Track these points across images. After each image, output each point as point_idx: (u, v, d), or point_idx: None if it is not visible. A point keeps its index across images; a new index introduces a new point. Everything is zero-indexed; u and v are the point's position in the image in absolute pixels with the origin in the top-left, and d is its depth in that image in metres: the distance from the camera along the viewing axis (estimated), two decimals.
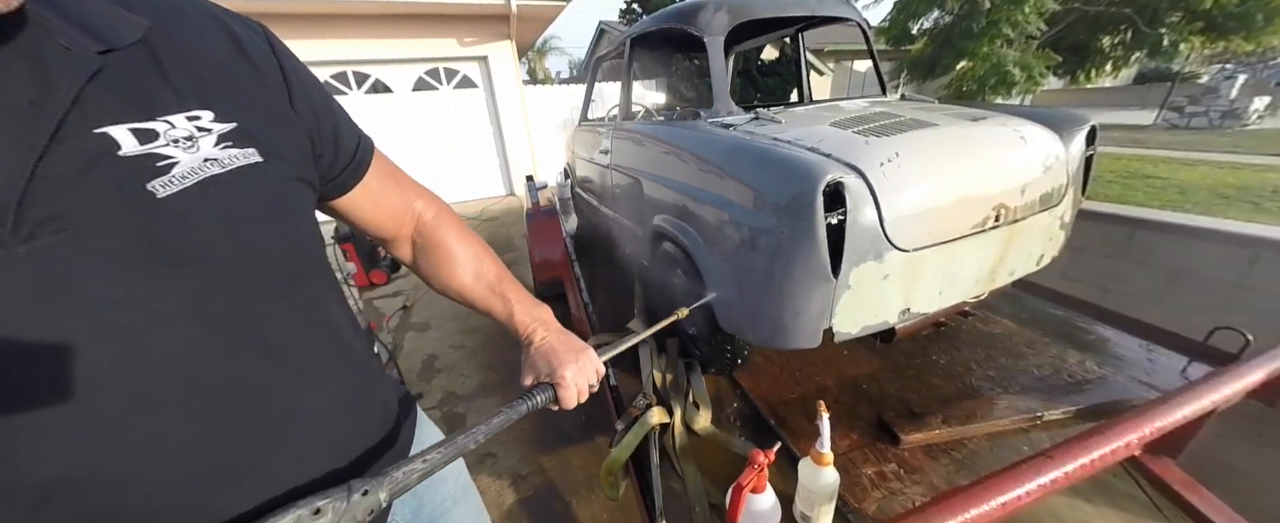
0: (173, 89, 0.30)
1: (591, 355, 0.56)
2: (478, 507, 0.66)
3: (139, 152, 0.27)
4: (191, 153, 0.29)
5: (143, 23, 0.29)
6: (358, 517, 0.34)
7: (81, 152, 0.26)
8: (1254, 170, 4.81)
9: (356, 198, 0.47)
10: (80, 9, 0.28)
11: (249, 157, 0.32)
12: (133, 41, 0.29)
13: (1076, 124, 1.07)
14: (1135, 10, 5.17)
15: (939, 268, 0.89)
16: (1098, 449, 0.76)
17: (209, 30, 0.34)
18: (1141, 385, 1.15)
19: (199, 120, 0.30)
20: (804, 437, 1.04)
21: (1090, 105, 13.47)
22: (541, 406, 0.54)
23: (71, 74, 0.26)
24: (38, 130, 0.24)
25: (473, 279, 0.56)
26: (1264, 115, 8.18)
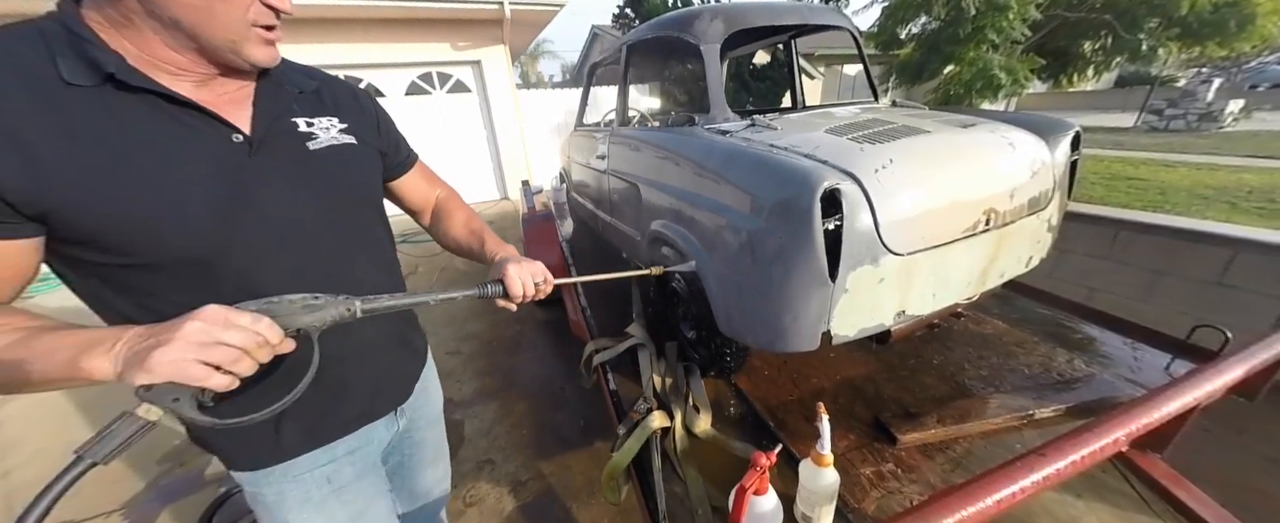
0: (324, 108, 0.65)
1: (538, 264, 0.71)
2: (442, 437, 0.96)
3: (306, 131, 0.61)
4: (328, 134, 0.63)
5: (315, 84, 0.66)
6: (340, 313, 0.53)
7: (284, 126, 0.59)
8: (1230, 171, 4.96)
9: (405, 182, 0.82)
10: (292, 77, 0.64)
11: (351, 140, 0.65)
12: (312, 90, 0.66)
13: (1062, 130, 1.10)
14: (1115, 16, 5.32)
15: (932, 271, 0.92)
16: (1087, 446, 0.78)
17: (345, 92, 0.71)
18: (1127, 383, 1.18)
19: (333, 121, 0.64)
20: (803, 438, 1.05)
21: (1072, 109, 13.79)
22: (490, 295, 0.67)
23: (287, 96, 0.61)
24: (273, 115, 0.58)
25: (463, 227, 0.83)
26: (1239, 118, 8.44)
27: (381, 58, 5.15)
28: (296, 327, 0.50)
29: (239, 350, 0.43)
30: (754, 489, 0.74)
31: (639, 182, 1.42)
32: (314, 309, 0.51)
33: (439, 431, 0.94)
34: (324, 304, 0.52)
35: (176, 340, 0.40)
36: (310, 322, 0.51)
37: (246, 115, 0.55)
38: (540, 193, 3.14)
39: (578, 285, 1.94)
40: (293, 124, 0.60)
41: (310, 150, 0.60)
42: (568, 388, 2.06)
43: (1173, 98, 8.84)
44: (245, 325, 0.44)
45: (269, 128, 0.57)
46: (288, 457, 0.64)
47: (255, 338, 0.44)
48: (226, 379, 0.43)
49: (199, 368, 0.41)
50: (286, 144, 0.58)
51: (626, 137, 1.56)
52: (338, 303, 0.53)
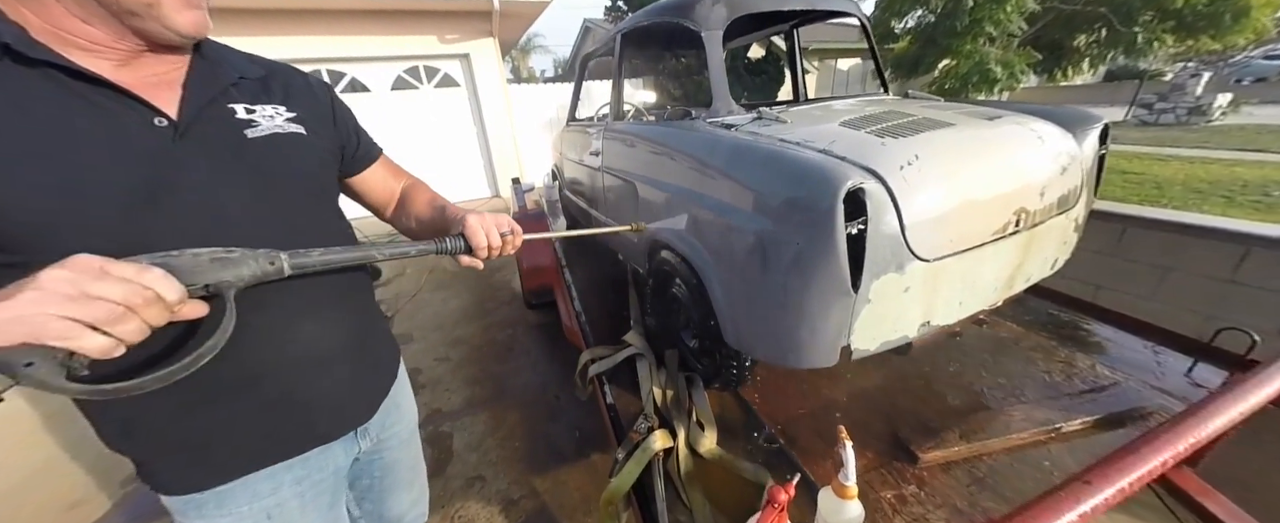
0: (269, 96, 0.59)
1: (503, 216, 0.65)
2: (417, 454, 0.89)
3: (244, 118, 0.55)
4: (270, 121, 0.56)
5: (261, 71, 0.61)
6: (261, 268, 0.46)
7: (219, 111, 0.53)
8: (1223, 165, 4.98)
9: (368, 177, 0.74)
10: (233, 61, 0.58)
11: (298, 129, 0.59)
12: (256, 76, 0.59)
13: (1089, 123, 1.03)
14: (1110, 9, 5.31)
15: (960, 277, 0.84)
16: (1134, 471, 0.71)
17: (297, 79, 0.65)
18: (1154, 390, 1.12)
19: (278, 110, 0.58)
20: (815, 456, 0.97)
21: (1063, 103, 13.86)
22: (451, 251, 0.60)
23: (224, 79, 0.55)
24: (203, 99, 0.51)
25: (426, 205, 0.74)
26: (1227, 111, 8.51)
27: (365, 51, 4.98)
28: (205, 283, 0.42)
29: (119, 306, 0.35)
30: None
31: (635, 180, 1.33)
32: (227, 263, 0.44)
33: (413, 449, 0.87)
34: (240, 258, 0.45)
35: (30, 291, 0.33)
36: (224, 277, 0.43)
37: (174, 98, 0.50)
38: (531, 191, 3.04)
39: (572, 291, 1.85)
40: (229, 110, 0.54)
41: (247, 138, 0.54)
42: (562, 396, 1.97)
43: (1162, 92, 8.88)
44: (127, 276, 0.36)
45: (200, 112, 0.50)
46: (221, 480, 0.56)
47: (142, 292, 0.36)
48: (103, 341, 0.35)
49: (60, 324, 0.33)
50: (219, 130, 0.52)
51: (622, 132, 1.46)
52: (258, 256, 0.46)
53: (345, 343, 0.64)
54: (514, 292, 3.12)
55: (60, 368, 0.34)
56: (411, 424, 0.84)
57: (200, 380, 0.46)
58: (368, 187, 0.75)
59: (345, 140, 0.68)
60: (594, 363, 1.32)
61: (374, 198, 0.77)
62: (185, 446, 0.54)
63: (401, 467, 0.82)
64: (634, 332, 1.38)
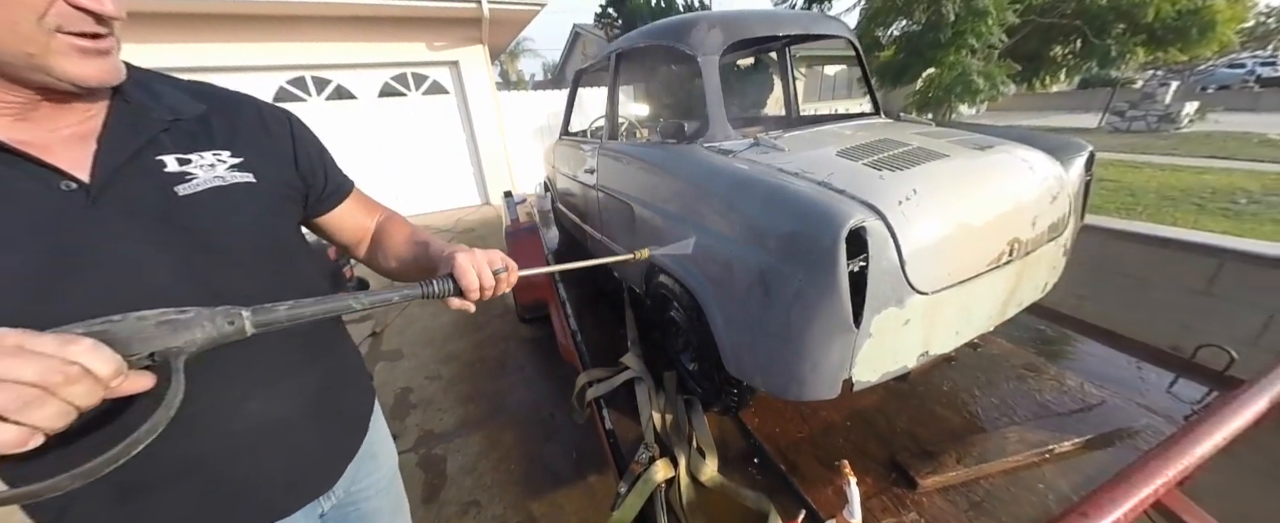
0: (210, 139, 0.51)
1: (495, 252, 0.57)
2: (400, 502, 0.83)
3: (175, 170, 0.47)
4: (209, 172, 0.49)
5: (201, 108, 0.52)
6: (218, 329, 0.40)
7: (144, 165, 0.46)
8: (1192, 173, 5.18)
9: (337, 216, 0.67)
10: (166, 99, 0.50)
11: (246, 177, 0.52)
12: (194, 115, 0.51)
13: (1075, 151, 1.06)
14: (1085, 22, 5.51)
15: (957, 307, 0.85)
16: (1128, 500, 0.73)
17: (247, 112, 0.57)
18: (1139, 408, 1.15)
19: (221, 155, 0.51)
20: (817, 484, 0.98)
21: (1039, 110, 14.34)
22: (438, 294, 0.53)
23: (150, 128, 0.47)
24: (124, 153, 0.44)
25: (406, 241, 0.67)
26: (1195, 119, 8.88)
27: (352, 58, 4.90)
28: (149, 351, 0.37)
29: (34, 388, 0.29)
30: None
31: (632, 202, 1.32)
32: (177, 326, 0.37)
33: (394, 494, 0.80)
34: (193, 318, 0.38)
35: None
36: (172, 343, 0.37)
37: (87, 154, 0.42)
38: (523, 202, 3.01)
39: (567, 308, 1.84)
40: (157, 162, 0.46)
41: (179, 196, 0.46)
42: (558, 415, 1.95)
43: (1133, 100, 9.24)
44: (46, 350, 0.30)
45: (117, 170, 0.43)
46: None
47: (63, 369, 0.30)
48: (14, 433, 0.29)
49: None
50: (143, 189, 0.45)
51: (618, 151, 1.46)
52: (215, 316, 0.39)
53: (307, 405, 0.59)
54: (506, 305, 3.08)
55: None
56: (390, 471, 0.78)
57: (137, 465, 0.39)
58: (338, 226, 0.68)
59: (310, 180, 0.61)
60: (591, 386, 1.31)
61: (345, 236, 0.70)
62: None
63: (381, 515, 0.76)
64: (631, 353, 1.37)
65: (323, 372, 0.62)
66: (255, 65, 4.43)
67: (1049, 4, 5.52)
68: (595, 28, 10.88)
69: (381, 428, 0.77)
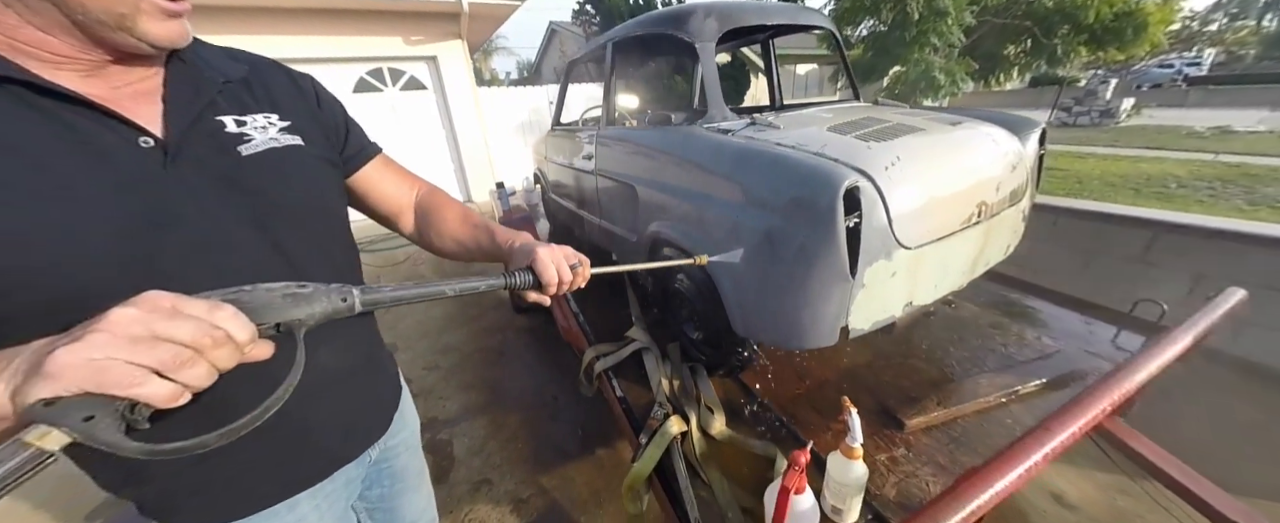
0: (257, 102, 0.53)
1: (567, 248, 0.59)
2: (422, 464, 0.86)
3: (236, 131, 0.49)
4: (264, 134, 0.51)
5: (244, 69, 0.54)
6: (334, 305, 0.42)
7: (208, 126, 0.48)
8: (1130, 162, 5.66)
9: (368, 175, 0.67)
10: (213, 61, 0.51)
11: (295, 140, 0.53)
12: (240, 77, 0.53)
13: (1030, 127, 1.20)
14: (1035, 23, 5.93)
15: (935, 262, 0.96)
16: (1080, 419, 0.85)
17: (279, 74, 0.58)
18: (1088, 355, 1.30)
19: (271, 119, 0.52)
20: (815, 430, 1.07)
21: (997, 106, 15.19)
22: (519, 286, 0.55)
23: (209, 89, 0.49)
24: (191, 113, 0.46)
25: (461, 222, 0.69)
26: (1131, 114, 9.66)
27: (324, 52, 4.75)
28: (276, 321, 0.38)
29: (189, 349, 0.31)
30: (795, 489, 0.74)
31: (635, 182, 1.39)
32: (299, 299, 0.39)
33: (419, 455, 0.85)
34: (312, 293, 0.40)
35: (95, 334, 0.29)
36: (295, 315, 0.39)
37: (156, 113, 0.44)
38: (514, 195, 3.03)
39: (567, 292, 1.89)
40: (218, 123, 0.47)
41: (243, 156, 0.48)
42: (561, 397, 2.00)
43: (1079, 96, 9.97)
44: (198, 314, 0.32)
45: (189, 129, 0.45)
46: (241, 514, 0.53)
47: (212, 332, 0.32)
48: (169, 389, 0.30)
49: (125, 371, 0.28)
50: (212, 149, 0.46)
51: (618, 137, 1.53)
52: (330, 292, 0.41)
53: (362, 357, 0.63)
54: (499, 297, 3.10)
55: (120, 422, 0.30)
56: (415, 430, 0.83)
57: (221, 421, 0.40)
58: (370, 190, 0.67)
59: (333, 137, 0.61)
60: (600, 360, 1.37)
61: (382, 205, 0.70)
62: (205, 488, 0.50)
63: (410, 473, 0.81)
64: (637, 327, 1.45)
65: (367, 330, 0.67)
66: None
67: (1002, 5, 5.92)
68: (573, 25, 10.85)
69: (405, 392, 0.80)
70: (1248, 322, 1.91)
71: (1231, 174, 4.71)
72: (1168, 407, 1.67)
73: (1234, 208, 3.57)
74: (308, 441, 0.57)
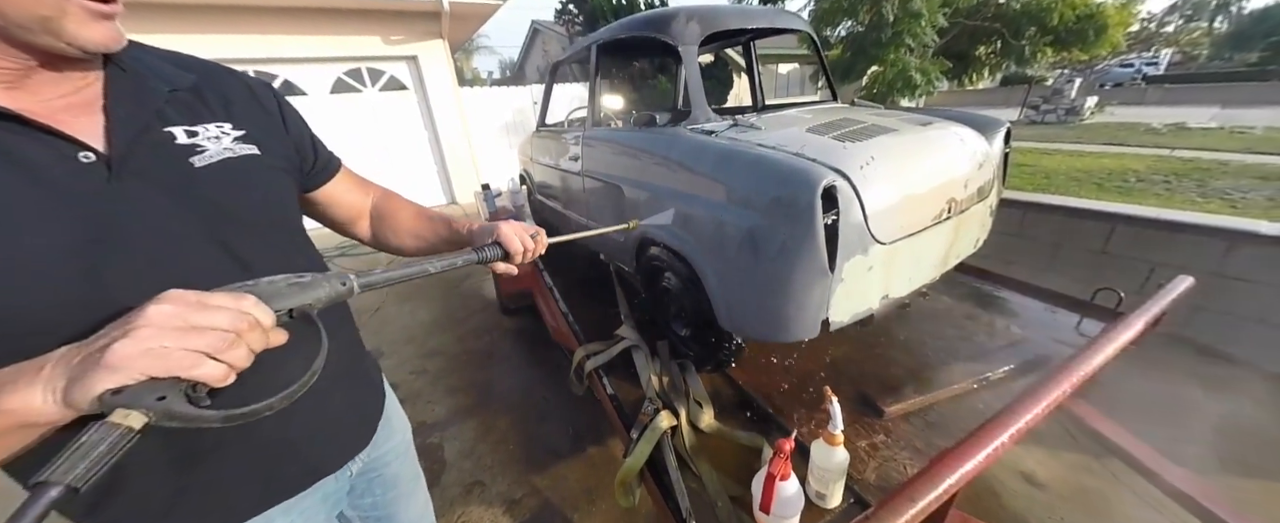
0: (210, 111, 0.51)
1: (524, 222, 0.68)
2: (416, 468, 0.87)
3: (187, 142, 0.47)
4: (217, 144, 0.49)
5: (192, 77, 0.51)
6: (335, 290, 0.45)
7: (155, 138, 0.45)
8: (1093, 158, 5.93)
9: (329, 190, 0.67)
10: (158, 69, 0.49)
11: (251, 150, 0.52)
12: (188, 85, 0.50)
13: (995, 126, 1.26)
14: (1004, 25, 6.18)
15: (909, 257, 1.01)
16: (1044, 400, 0.91)
17: (234, 82, 0.56)
18: (1054, 342, 1.38)
19: (224, 128, 0.50)
20: (799, 421, 1.11)
21: (969, 105, 15.71)
22: (489, 259, 0.62)
23: (154, 99, 0.46)
24: (136, 125, 0.44)
25: (415, 218, 0.72)
26: (1095, 111, 10.11)
27: (299, 51, 4.63)
28: (288, 308, 0.41)
29: (229, 332, 0.34)
30: (781, 475, 0.77)
31: (621, 183, 1.41)
32: (303, 287, 0.42)
33: (411, 460, 0.84)
34: (312, 281, 0.43)
35: (141, 329, 0.31)
36: (304, 301, 0.42)
37: (97, 125, 0.41)
38: (500, 196, 3.01)
39: (555, 293, 1.90)
40: (168, 135, 0.45)
41: (196, 168, 0.46)
42: (551, 398, 2.01)
43: (1046, 95, 10.39)
44: (226, 304, 0.34)
45: (134, 141, 0.42)
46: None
47: (244, 318, 0.35)
48: (222, 369, 0.33)
49: (183, 355, 0.32)
50: (161, 162, 0.44)
51: (604, 138, 1.54)
52: (330, 278, 0.45)
53: (341, 367, 0.62)
54: (485, 299, 3.08)
55: (184, 399, 0.33)
56: (406, 436, 0.82)
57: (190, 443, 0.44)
58: (331, 201, 0.67)
59: (302, 152, 0.61)
60: (590, 359, 1.39)
61: (340, 213, 0.70)
62: (175, 508, 0.47)
63: (403, 480, 0.80)
64: (626, 326, 1.47)
65: (347, 339, 0.67)
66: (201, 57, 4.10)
67: (973, 8, 6.15)
68: (556, 24, 10.78)
69: (392, 399, 0.80)
70: (1200, 307, 2.04)
71: (1185, 168, 4.98)
72: (1126, 388, 1.77)
73: (1188, 200, 3.78)
74: (286, 452, 0.55)
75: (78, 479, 0.28)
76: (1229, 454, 1.56)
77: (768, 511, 0.79)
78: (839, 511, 0.86)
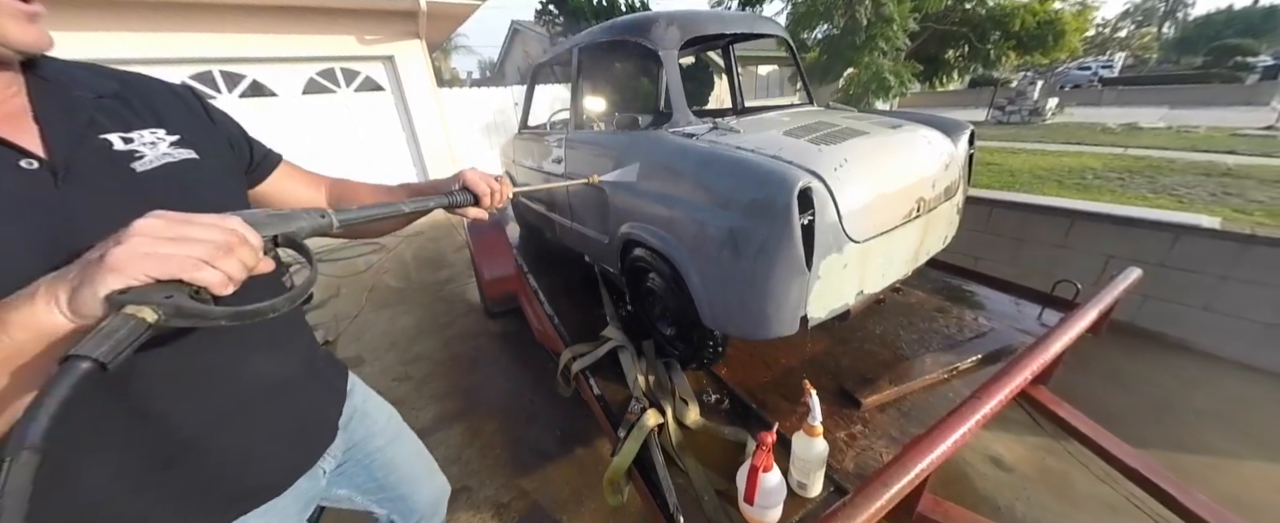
0: (139, 117, 0.50)
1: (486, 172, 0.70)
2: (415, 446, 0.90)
3: (124, 149, 0.47)
4: (154, 150, 0.48)
5: (114, 85, 0.51)
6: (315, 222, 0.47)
7: (93, 145, 0.45)
8: (1054, 156, 6.24)
9: (276, 183, 0.67)
10: (79, 78, 0.49)
11: (189, 154, 0.51)
12: (111, 93, 0.50)
13: (960, 129, 1.32)
14: (970, 29, 6.45)
15: (881, 254, 1.06)
16: (1007, 387, 0.97)
17: (157, 88, 0.56)
18: (1017, 332, 1.46)
19: (158, 134, 0.50)
20: (783, 415, 1.15)
21: (940, 106, 16.30)
22: (460, 203, 0.66)
23: (84, 107, 0.46)
24: (73, 132, 0.44)
25: (377, 192, 0.73)
26: (1056, 112, 10.62)
27: (269, 51, 4.48)
28: (273, 235, 0.42)
29: (221, 244, 0.35)
30: (763, 467, 0.80)
31: (605, 186, 1.42)
32: (284, 217, 0.44)
33: (408, 441, 0.87)
34: (291, 214, 0.45)
35: (134, 237, 0.32)
36: (289, 229, 0.43)
37: (31, 132, 0.41)
38: None
39: (541, 296, 1.90)
40: (104, 142, 0.45)
41: (139, 173, 0.45)
42: (537, 400, 2.00)
43: (1011, 96, 10.86)
44: (213, 221, 0.35)
45: (74, 148, 0.42)
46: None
47: (232, 233, 0.36)
48: (220, 276, 0.34)
49: (184, 259, 0.33)
50: (104, 167, 0.44)
51: (587, 141, 1.55)
52: (309, 212, 0.46)
53: (302, 366, 0.63)
54: (470, 303, 3.04)
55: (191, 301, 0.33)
56: (393, 421, 0.84)
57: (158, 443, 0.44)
58: (282, 196, 0.67)
59: (237, 149, 0.61)
60: (577, 360, 1.40)
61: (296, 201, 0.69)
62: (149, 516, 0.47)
63: (401, 461, 0.82)
64: (612, 326, 1.48)
65: (306, 342, 0.68)
66: (150, 58, 3.92)
67: (941, 13, 6.40)
68: (536, 24, 10.70)
69: (368, 393, 0.82)
70: (1149, 296, 2.18)
71: (1138, 166, 5.29)
72: (1083, 374, 1.88)
73: (1139, 196, 4.02)
74: (254, 455, 0.55)
75: (105, 356, 0.29)
76: (1169, 431, 1.67)
77: (752, 502, 0.82)
78: (819, 499, 0.90)
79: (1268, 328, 1.95)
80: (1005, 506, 1.46)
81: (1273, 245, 1.91)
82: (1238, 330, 2.01)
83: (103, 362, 0.28)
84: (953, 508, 0.96)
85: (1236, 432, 1.66)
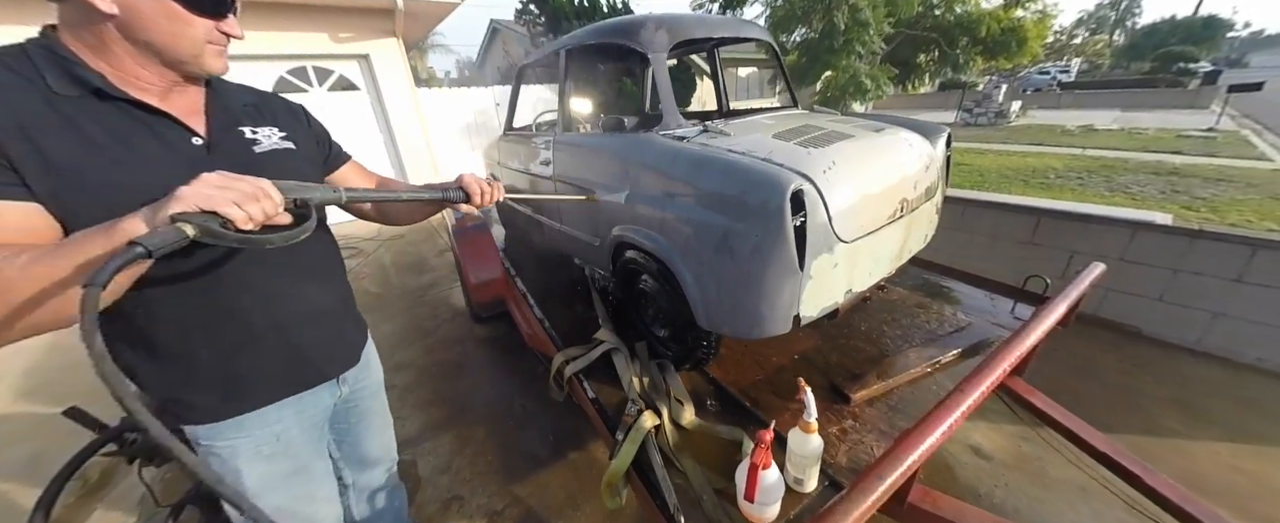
0: (264, 120, 0.77)
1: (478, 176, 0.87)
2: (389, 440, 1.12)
3: (252, 137, 0.73)
4: (269, 140, 0.75)
5: (253, 98, 0.79)
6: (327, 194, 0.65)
7: (233, 133, 0.71)
8: (1019, 157, 6.55)
9: (341, 173, 0.92)
10: (234, 92, 0.76)
11: (290, 145, 0.78)
12: (251, 103, 0.77)
13: (938, 132, 1.38)
14: (940, 35, 6.72)
15: (868, 253, 1.09)
16: (987, 380, 1.01)
17: (278, 103, 0.84)
18: (993, 326, 1.52)
19: (273, 131, 0.77)
20: (776, 412, 1.17)
21: (913, 108, 16.87)
22: (453, 200, 0.83)
23: (235, 109, 0.74)
24: (224, 123, 0.70)
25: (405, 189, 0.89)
26: (1020, 115, 11.15)
27: (234, 47, 4.27)
28: (294, 198, 0.58)
29: (251, 193, 0.52)
30: (762, 464, 0.81)
31: (595, 187, 1.42)
32: (304, 187, 0.60)
33: (382, 402, 1.07)
34: (310, 185, 0.62)
35: (196, 183, 0.50)
36: (306, 195, 0.60)
37: (201, 123, 0.67)
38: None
39: (530, 299, 1.87)
40: (240, 131, 0.72)
41: (256, 153, 0.72)
42: (528, 405, 1.98)
43: (978, 99, 11.34)
44: (250, 180, 0.54)
45: (222, 133, 0.69)
46: (246, 409, 0.75)
47: (258, 187, 0.54)
48: (242, 214, 0.51)
49: (224, 198, 0.50)
50: (236, 147, 0.70)
51: (576, 143, 1.55)
52: (324, 187, 0.64)
53: (336, 302, 0.86)
54: (455, 308, 2.98)
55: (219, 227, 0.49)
56: (379, 379, 1.05)
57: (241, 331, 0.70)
58: (341, 182, 0.91)
59: (322, 146, 0.89)
60: (570, 363, 1.39)
61: None
62: (224, 382, 0.72)
63: (374, 415, 1.03)
64: (605, 329, 1.48)
65: (342, 282, 0.90)
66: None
67: (913, 19, 6.65)
68: (516, 23, 10.57)
69: (373, 352, 1.02)
70: (1111, 288, 2.31)
71: (1094, 165, 5.60)
72: (1054, 364, 1.98)
73: (1097, 194, 4.26)
74: (301, 354, 0.79)
75: (152, 246, 0.45)
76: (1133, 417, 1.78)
77: (752, 499, 0.83)
78: (815, 493, 0.92)
79: (1213, 317, 2.10)
80: (985, 492, 1.52)
81: (1217, 240, 2.06)
82: (1189, 319, 2.15)
83: (150, 250, 0.44)
84: (940, 497, 0.99)
85: (1191, 415, 1.78)
